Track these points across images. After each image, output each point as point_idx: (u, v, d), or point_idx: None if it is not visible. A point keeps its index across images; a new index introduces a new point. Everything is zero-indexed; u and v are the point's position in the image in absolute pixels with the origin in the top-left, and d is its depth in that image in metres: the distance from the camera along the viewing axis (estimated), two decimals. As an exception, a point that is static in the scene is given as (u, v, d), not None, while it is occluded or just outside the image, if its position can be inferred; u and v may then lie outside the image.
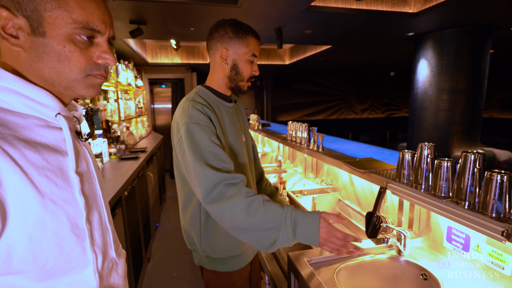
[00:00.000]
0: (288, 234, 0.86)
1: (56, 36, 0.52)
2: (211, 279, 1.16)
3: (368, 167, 1.42)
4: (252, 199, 0.89)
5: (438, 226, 1.14)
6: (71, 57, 0.53)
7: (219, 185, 0.90)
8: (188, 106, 1.01)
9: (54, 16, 0.51)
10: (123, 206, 1.94)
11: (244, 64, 1.08)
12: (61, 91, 0.57)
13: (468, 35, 3.63)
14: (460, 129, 3.80)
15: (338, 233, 0.87)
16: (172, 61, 5.64)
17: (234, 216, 0.88)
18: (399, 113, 10.68)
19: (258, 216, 0.87)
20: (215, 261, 1.12)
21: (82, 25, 0.53)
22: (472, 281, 0.97)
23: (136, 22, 2.95)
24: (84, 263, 0.57)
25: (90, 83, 0.58)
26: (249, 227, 0.88)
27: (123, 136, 3.46)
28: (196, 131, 0.96)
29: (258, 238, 0.88)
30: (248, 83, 1.13)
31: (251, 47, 1.06)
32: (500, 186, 0.82)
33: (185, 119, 0.98)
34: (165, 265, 2.77)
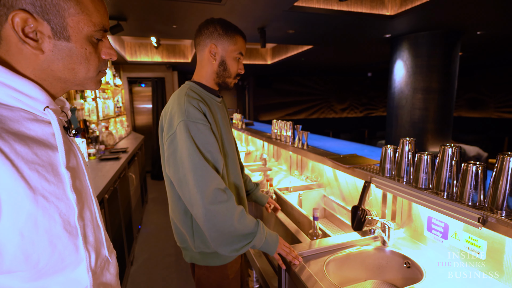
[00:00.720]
0: (262, 239, 1.02)
1: (79, 40, 0.54)
2: (204, 275, 1.16)
3: (352, 163, 1.47)
4: (241, 208, 1.01)
5: (419, 217, 1.20)
6: (90, 58, 0.56)
7: (214, 189, 0.95)
8: (184, 102, 1.01)
9: (77, 20, 0.53)
10: (105, 208, 1.87)
11: (231, 61, 1.11)
12: (69, 87, 0.59)
13: (440, 38, 3.84)
14: (433, 126, 4.01)
15: (286, 244, 1.10)
16: (152, 59, 5.51)
17: (226, 220, 0.95)
18: (377, 112, 11.07)
19: (243, 222, 0.99)
20: (209, 256, 1.13)
21: (99, 28, 0.56)
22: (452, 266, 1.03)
23: (116, 18, 2.85)
24: (77, 262, 0.55)
25: (99, 79, 0.61)
26: (234, 231, 0.97)
27: (102, 136, 3.34)
28: (193, 130, 0.97)
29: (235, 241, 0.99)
30: (235, 80, 1.17)
31: (239, 46, 1.11)
32: (475, 176, 0.88)
33: (182, 117, 0.98)
34: (149, 268, 2.71)
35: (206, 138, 0.99)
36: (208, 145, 0.99)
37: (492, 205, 0.83)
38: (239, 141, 3.86)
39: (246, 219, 1.00)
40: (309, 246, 1.16)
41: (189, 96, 1.03)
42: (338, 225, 1.79)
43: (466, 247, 1.00)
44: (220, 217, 0.95)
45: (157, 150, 5.99)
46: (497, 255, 0.91)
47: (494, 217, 0.80)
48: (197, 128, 0.98)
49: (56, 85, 0.56)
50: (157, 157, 5.93)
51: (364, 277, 1.18)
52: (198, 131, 0.98)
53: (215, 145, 1.01)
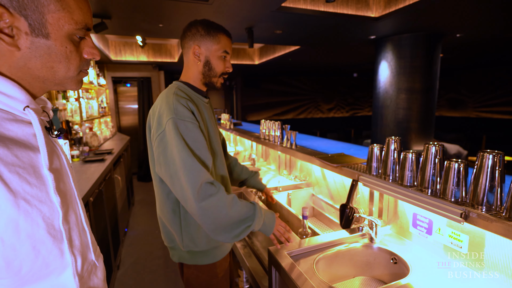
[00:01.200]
0: (260, 222, 1.05)
1: (60, 38, 0.52)
2: (193, 275, 1.16)
3: (340, 162, 1.49)
4: (232, 196, 1.01)
5: (404, 214, 1.23)
6: (70, 57, 0.54)
7: (203, 183, 0.95)
8: (173, 101, 1.02)
9: (57, 17, 0.50)
10: (90, 211, 1.82)
11: (216, 60, 1.12)
12: (49, 87, 0.56)
13: (422, 40, 3.97)
14: (417, 125, 4.13)
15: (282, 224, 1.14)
16: (137, 58, 5.40)
17: (220, 211, 0.96)
18: (362, 112, 11.30)
19: (237, 208, 1.00)
20: (198, 255, 1.13)
21: (82, 26, 0.54)
22: (435, 260, 1.06)
23: (100, 16, 2.77)
24: (62, 267, 0.53)
25: (80, 78, 0.58)
26: (230, 219, 0.98)
27: (86, 137, 3.24)
28: (181, 127, 0.99)
29: (233, 228, 0.99)
30: (221, 79, 1.18)
31: (223, 44, 1.11)
32: (457, 173, 0.92)
33: (171, 115, 0.99)
34: (136, 272, 2.66)
35: (195, 136, 1.00)
36: (197, 142, 1.00)
37: (473, 200, 0.86)
38: (227, 141, 3.85)
39: (240, 205, 1.01)
40: (298, 245, 1.17)
41: (177, 95, 1.05)
42: (327, 223, 1.81)
43: (450, 241, 1.04)
44: (213, 209, 0.95)
45: (143, 151, 5.88)
46: (478, 249, 0.95)
47: (475, 212, 0.84)
48: (186, 126, 0.99)
49: (35, 84, 0.54)
50: (144, 158, 5.82)
51: (353, 273, 1.20)
52: (186, 129, 0.99)
53: (203, 142, 1.02)
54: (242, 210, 1.01)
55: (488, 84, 8.32)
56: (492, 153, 0.82)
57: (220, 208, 0.96)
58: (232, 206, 0.98)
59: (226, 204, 0.97)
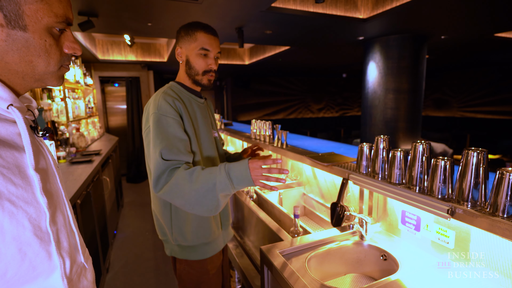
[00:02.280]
0: (225, 180, 0.92)
1: (38, 30, 0.50)
2: (184, 270, 1.18)
3: (330, 161, 1.51)
4: (192, 169, 0.97)
5: (393, 211, 1.26)
6: (50, 51, 0.52)
7: (165, 172, 0.98)
8: (159, 98, 1.08)
9: (35, 9, 0.49)
10: (78, 213, 1.78)
11: (194, 58, 1.14)
12: (29, 83, 0.54)
13: (408, 41, 4.06)
14: (404, 125, 4.22)
15: (262, 166, 0.93)
16: (126, 58, 5.31)
17: (181, 189, 0.94)
18: (351, 112, 11.46)
19: (200, 179, 0.94)
20: (187, 249, 1.15)
21: (62, 19, 0.52)
22: (424, 255, 1.09)
23: (86, 14, 2.71)
24: (50, 269, 0.52)
25: (61, 74, 0.57)
26: (196, 193, 0.93)
27: (73, 138, 3.16)
28: (162, 122, 1.04)
29: (205, 199, 0.94)
30: (206, 76, 1.17)
31: (200, 41, 1.12)
32: (444, 171, 0.94)
33: (154, 110, 1.06)
34: (126, 274, 2.61)
35: (173, 131, 1.03)
36: (175, 138, 1.03)
37: (459, 197, 0.89)
38: (218, 141, 3.83)
39: (201, 175, 0.94)
40: (290, 244, 1.17)
41: (165, 94, 1.10)
42: (318, 222, 1.83)
43: (437, 237, 1.07)
44: (173, 192, 0.95)
45: (132, 152, 5.78)
46: (464, 244, 0.98)
47: (461, 208, 0.86)
48: (167, 121, 1.04)
49: (15, 80, 0.52)
50: (133, 159, 5.73)
51: (344, 271, 1.22)
52: (167, 123, 1.04)
53: (182, 138, 1.04)
54: (205, 178, 0.93)
55: (472, 85, 8.58)
56: (477, 151, 0.85)
57: (180, 187, 0.94)
58: (193, 180, 0.93)
59: (186, 180, 0.94)
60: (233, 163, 0.95)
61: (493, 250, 0.90)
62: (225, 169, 0.93)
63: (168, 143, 1.01)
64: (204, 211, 0.95)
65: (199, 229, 1.13)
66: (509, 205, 0.78)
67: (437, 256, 1.07)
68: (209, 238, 1.15)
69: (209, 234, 1.15)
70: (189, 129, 1.10)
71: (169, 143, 1.01)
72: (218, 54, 1.16)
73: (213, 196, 0.93)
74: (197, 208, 0.95)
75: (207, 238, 1.14)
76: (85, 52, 4.42)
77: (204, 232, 1.14)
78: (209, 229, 1.15)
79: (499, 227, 0.76)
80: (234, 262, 1.67)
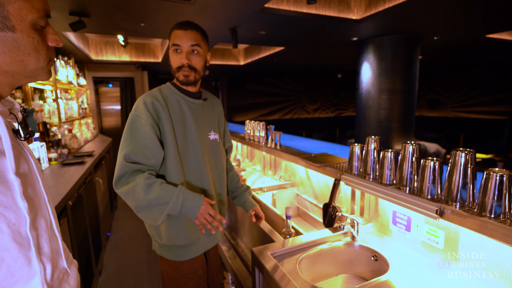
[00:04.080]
0: (178, 206, 1.03)
1: (25, 29, 0.50)
2: (164, 269, 1.21)
3: (323, 161, 1.51)
4: (151, 182, 1.03)
5: (385, 212, 1.26)
6: (38, 47, 0.53)
7: (127, 174, 1.04)
8: (140, 100, 1.11)
9: (18, 7, 0.48)
10: (68, 215, 1.76)
11: (171, 55, 1.15)
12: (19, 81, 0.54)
13: (402, 42, 4.09)
14: (398, 125, 4.25)
15: (211, 211, 1.08)
16: (119, 58, 5.27)
17: (136, 197, 1.02)
18: (347, 112, 11.52)
19: (155, 193, 1.02)
20: (163, 248, 1.18)
21: (43, 14, 0.52)
22: (414, 256, 1.09)
23: (77, 14, 2.68)
24: (30, 275, 0.51)
25: (49, 68, 0.57)
26: (148, 204, 1.02)
27: (65, 139, 3.13)
28: (136, 123, 1.07)
29: (153, 212, 1.03)
30: (180, 73, 1.13)
31: (172, 38, 1.13)
32: (433, 171, 0.95)
33: (132, 111, 1.10)
34: (119, 277, 2.58)
35: (144, 132, 1.05)
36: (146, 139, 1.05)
37: (448, 197, 0.89)
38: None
39: (159, 190, 1.02)
40: (282, 245, 1.17)
41: (148, 94, 1.12)
42: (311, 222, 1.83)
43: (427, 238, 1.07)
44: (129, 195, 1.03)
45: (126, 153, 5.74)
46: (453, 244, 0.99)
47: (449, 209, 0.87)
48: (140, 122, 1.06)
49: (3, 80, 0.52)
50: (127, 160, 5.68)
51: (336, 272, 1.22)
52: (139, 124, 1.06)
53: (150, 142, 1.06)
54: (161, 194, 1.02)
55: (465, 85, 8.68)
56: (465, 152, 0.86)
57: (136, 194, 1.02)
58: (149, 192, 1.02)
59: (143, 189, 1.01)
60: (191, 195, 1.06)
61: (481, 250, 0.91)
62: (182, 197, 1.04)
63: (136, 146, 1.04)
64: (149, 219, 1.05)
65: (172, 230, 1.13)
66: (496, 205, 0.79)
67: (427, 256, 1.08)
68: (183, 242, 1.15)
69: (183, 237, 1.14)
70: (168, 130, 1.09)
71: (137, 146, 1.04)
72: (194, 47, 1.10)
73: (161, 212, 1.03)
74: (143, 215, 1.05)
75: (180, 241, 1.14)
76: (78, 53, 4.38)
77: (177, 234, 1.13)
78: (183, 233, 1.14)
79: (486, 227, 0.77)
80: (227, 264, 1.67)
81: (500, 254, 0.86)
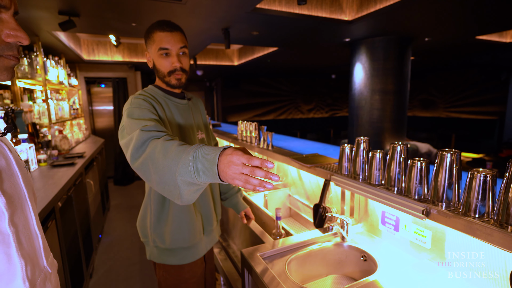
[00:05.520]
0: (188, 162, 0.68)
1: None
2: (162, 277, 1.16)
3: (313, 162, 1.51)
4: (170, 142, 0.77)
5: (374, 212, 1.27)
6: None
7: (147, 141, 0.82)
8: (132, 98, 1.06)
9: None
10: (57, 218, 1.73)
11: (158, 59, 1.09)
12: None
13: (393, 43, 4.13)
14: (390, 125, 4.29)
15: (243, 158, 0.63)
16: (112, 58, 5.21)
17: (156, 164, 0.76)
18: (341, 112, 11.58)
19: (171, 155, 0.73)
20: (165, 252, 1.12)
21: None
22: (402, 255, 1.10)
23: (67, 13, 2.64)
24: (10, 273, 0.50)
25: (2, 65, 0.51)
26: (167, 170, 0.73)
27: (55, 140, 3.08)
28: (136, 112, 0.97)
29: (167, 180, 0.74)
30: (173, 76, 1.10)
31: (158, 41, 1.07)
32: (420, 171, 0.95)
33: (127, 106, 1.02)
34: (111, 280, 2.55)
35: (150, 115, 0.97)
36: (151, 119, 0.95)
37: (434, 197, 0.90)
38: (206, 143, 3.79)
39: (173, 149, 0.74)
40: (272, 246, 1.17)
41: (139, 94, 1.09)
42: (303, 223, 1.83)
43: (415, 238, 1.08)
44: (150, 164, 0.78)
45: (119, 154, 5.68)
46: (440, 244, 1.00)
47: (435, 209, 0.87)
48: (141, 111, 0.97)
49: None
50: (120, 161, 5.62)
51: (326, 272, 1.22)
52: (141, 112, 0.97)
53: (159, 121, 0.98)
54: (174, 154, 0.73)
55: (456, 86, 8.81)
56: (450, 152, 0.86)
57: (155, 159, 0.76)
58: (168, 152, 0.75)
59: (162, 151, 0.76)
60: (208, 147, 0.70)
61: (468, 249, 0.92)
62: (195, 150, 0.69)
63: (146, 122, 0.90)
64: (174, 195, 0.74)
65: (179, 231, 1.10)
66: (480, 205, 0.80)
67: (415, 256, 1.08)
68: (188, 243, 1.12)
69: (188, 238, 1.11)
70: None
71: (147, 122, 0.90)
72: (182, 49, 1.08)
73: (174, 182, 0.71)
74: (168, 189, 0.75)
75: (186, 243, 1.11)
76: (69, 52, 4.32)
77: (183, 235, 1.11)
78: (189, 233, 1.11)
79: (471, 227, 0.78)
80: (219, 265, 1.66)
81: (486, 254, 0.87)
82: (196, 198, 0.78)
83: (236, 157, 0.63)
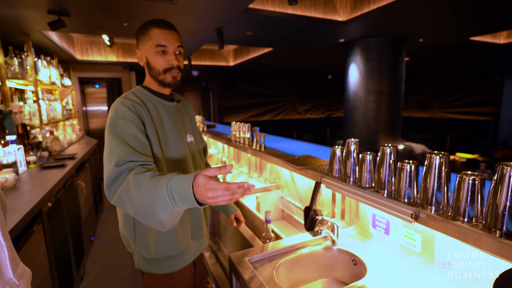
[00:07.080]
0: (165, 198, 0.73)
1: None
2: (150, 284, 1.12)
3: (305, 164, 1.49)
4: (142, 174, 0.82)
5: (365, 215, 1.25)
6: None
7: (120, 177, 0.86)
8: (117, 103, 1.01)
9: None
10: (44, 221, 1.69)
11: (153, 57, 1.06)
12: None
13: (388, 44, 4.13)
14: (385, 126, 4.29)
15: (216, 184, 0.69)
16: (106, 58, 5.16)
17: (131, 198, 0.80)
18: (337, 113, 11.60)
19: (144, 190, 0.78)
20: (151, 262, 1.08)
21: None
22: (392, 259, 1.08)
23: (56, 13, 2.60)
24: None
25: None
26: (142, 204, 0.78)
27: (46, 141, 3.03)
28: (120, 124, 0.96)
29: (147, 215, 0.79)
30: (169, 74, 1.08)
31: (154, 38, 1.05)
32: (409, 174, 0.94)
33: (111, 114, 0.99)
34: (102, 283, 2.51)
35: (133, 133, 0.96)
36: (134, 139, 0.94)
37: (423, 200, 0.88)
38: (200, 144, 3.76)
39: (146, 184, 0.79)
40: (261, 250, 1.14)
41: (125, 98, 1.03)
42: (296, 225, 1.81)
43: (405, 241, 1.06)
44: (124, 199, 0.83)
45: (113, 155, 5.63)
46: (429, 247, 0.98)
47: (424, 213, 0.86)
48: (125, 123, 0.96)
49: None
50: (114, 162, 5.57)
51: (315, 276, 1.20)
52: (125, 125, 0.96)
53: (140, 141, 0.96)
54: (148, 190, 0.77)
55: (452, 87, 8.86)
56: (439, 155, 0.85)
57: (130, 193, 0.80)
58: (140, 186, 0.80)
59: (134, 185, 0.80)
60: (178, 176, 0.75)
61: (457, 252, 0.90)
62: (167, 183, 0.73)
63: (124, 145, 0.91)
64: (155, 223, 0.79)
65: (163, 241, 1.05)
66: (469, 208, 0.78)
67: (405, 260, 1.07)
68: (174, 251, 1.08)
69: (174, 246, 1.07)
70: (151, 134, 1.02)
71: (125, 144, 0.91)
72: (179, 48, 1.07)
73: (153, 215, 0.76)
74: (148, 219, 0.80)
75: (172, 251, 1.07)
76: (61, 52, 4.27)
77: (169, 244, 1.06)
78: (175, 241, 1.07)
79: (459, 231, 0.76)
80: (209, 269, 1.63)
81: (475, 257, 0.85)
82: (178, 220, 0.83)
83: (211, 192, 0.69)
